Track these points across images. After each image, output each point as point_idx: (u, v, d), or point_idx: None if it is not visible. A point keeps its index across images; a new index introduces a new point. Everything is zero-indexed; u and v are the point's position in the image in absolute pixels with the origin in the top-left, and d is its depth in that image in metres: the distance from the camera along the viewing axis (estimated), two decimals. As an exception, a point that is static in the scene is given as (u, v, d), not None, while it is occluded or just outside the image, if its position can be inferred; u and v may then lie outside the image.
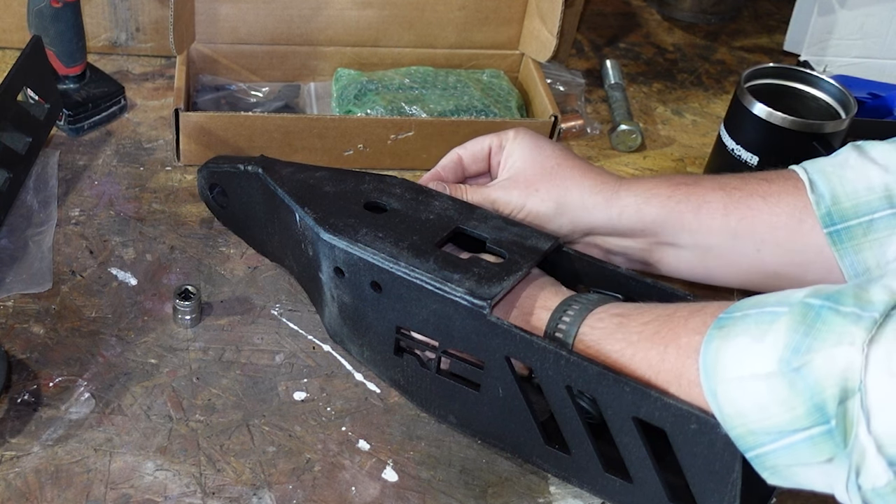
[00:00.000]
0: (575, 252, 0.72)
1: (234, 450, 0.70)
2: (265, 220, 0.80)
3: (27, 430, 0.70)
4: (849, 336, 0.48)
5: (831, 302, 0.51)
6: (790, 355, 0.50)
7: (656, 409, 0.57)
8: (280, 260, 0.82)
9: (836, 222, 0.69)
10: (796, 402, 0.50)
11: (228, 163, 0.81)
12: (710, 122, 1.12)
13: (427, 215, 0.72)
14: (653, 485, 0.61)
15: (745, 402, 0.52)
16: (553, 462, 0.67)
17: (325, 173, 0.77)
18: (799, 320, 0.51)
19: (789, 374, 0.50)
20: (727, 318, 0.55)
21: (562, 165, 0.76)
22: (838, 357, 0.48)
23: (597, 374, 0.60)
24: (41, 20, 0.94)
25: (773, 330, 0.52)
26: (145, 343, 0.77)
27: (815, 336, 0.50)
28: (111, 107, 1.00)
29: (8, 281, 0.81)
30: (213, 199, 0.84)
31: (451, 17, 1.06)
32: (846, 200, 0.69)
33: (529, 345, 0.62)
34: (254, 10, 1.02)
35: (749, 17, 1.35)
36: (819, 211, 0.70)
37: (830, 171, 0.71)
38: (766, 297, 0.55)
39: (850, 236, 0.69)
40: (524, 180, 0.75)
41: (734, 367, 0.53)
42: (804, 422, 0.50)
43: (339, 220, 0.71)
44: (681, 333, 0.58)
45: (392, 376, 0.73)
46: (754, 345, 0.52)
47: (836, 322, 0.50)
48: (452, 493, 0.69)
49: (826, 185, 0.70)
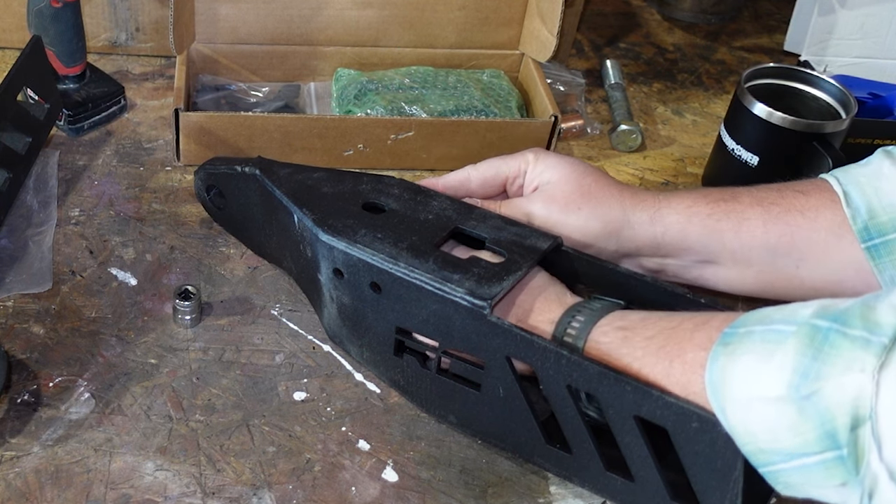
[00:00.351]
0: (574, 251, 0.72)
1: (234, 450, 0.70)
2: (263, 222, 0.80)
3: (27, 430, 0.70)
4: (858, 362, 0.48)
5: (839, 324, 0.50)
6: (799, 381, 0.49)
7: (658, 407, 0.57)
8: (278, 262, 0.82)
9: (874, 236, 0.69)
10: (806, 428, 0.49)
11: (225, 164, 0.80)
12: (710, 122, 1.12)
13: (426, 215, 0.72)
14: (654, 483, 0.61)
15: (754, 423, 0.52)
16: (554, 461, 0.67)
17: (323, 174, 0.77)
18: (807, 343, 0.50)
19: (799, 401, 0.49)
20: (732, 335, 0.55)
21: (599, 183, 0.74)
22: (848, 385, 0.48)
23: (598, 373, 0.60)
24: (41, 20, 0.94)
25: (780, 351, 0.51)
26: (145, 343, 0.77)
27: (824, 360, 0.49)
28: (111, 107, 1.00)
29: (8, 281, 0.81)
30: (210, 201, 0.84)
31: (451, 17, 1.06)
32: (883, 214, 0.68)
33: (530, 345, 0.62)
34: (254, 10, 1.02)
35: (749, 17, 1.35)
36: (856, 226, 0.69)
37: (865, 183, 0.70)
38: (771, 313, 0.55)
39: (888, 251, 0.68)
40: (563, 198, 0.73)
41: (742, 388, 0.52)
42: (815, 447, 0.50)
43: (337, 221, 0.71)
44: (686, 349, 0.57)
45: (392, 377, 0.73)
46: (761, 366, 0.52)
47: (844, 346, 0.49)
48: (452, 493, 0.69)
49: (862, 198, 0.69)
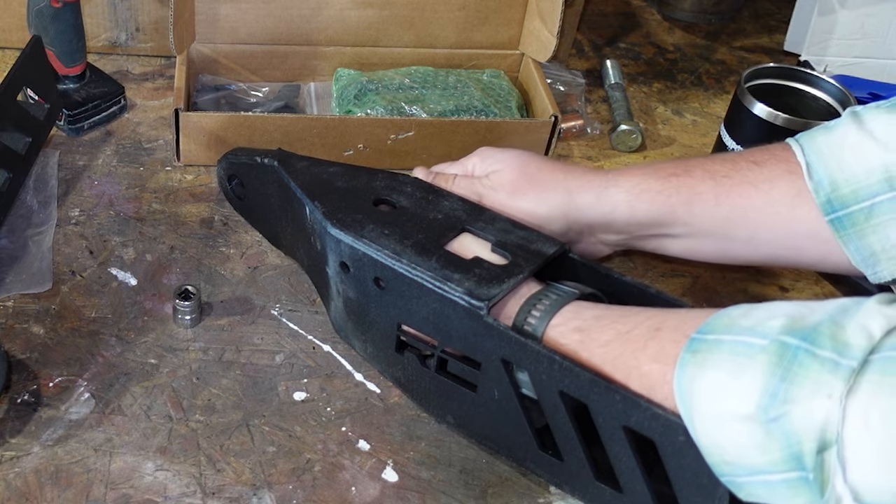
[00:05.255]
0: (579, 258, 0.71)
1: (234, 450, 0.70)
2: (280, 213, 0.80)
3: (27, 430, 0.70)
4: (826, 387, 0.48)
5: (808, 343, 0.50)
6: (768, 402, 0.50)
7: (645, 418, 0.57)
8: (292, 253, 0.83)
9: (837, 209, 0.69)
10: (773, 448, 0.50)
11: (246, 155, 0.81)
12: (710, 122, 1.12)
13: (435, 215, 0.72)
14: (642, 495, 0.60)
15: (721, 437, 0.52)
16: (546, 468, 0.66)
17: (339, 169, 0.77)
18: (775, 362, 0.50)
19: (767, 423, 0.50)
20: (700, 341, 0.54)
21: (543, 170, 0.75)
22: (816, 411, 0.48)
23: (589, 380, 0.59)
24: (41, 20, 0.94)
25: (749, 368, 0.51)
26: (145, 343, 0.77)
27: (792, 381, 0.49)
28: (111, 107, 1.00)
29: (8, 281, 0.81)
30: (231, 191, 0.84)
31: (451, 17, 1.06)
32: (845, 186, 0.69)
33: (524, 348, 0.62)
34: (254, 10, 1.02)
35: (749, 17, 1.35)
36: (819, 199, 0.69)
37: (828, 154, 0.70)
38: (738, 319, 0.54)
39: (851, 222, 0.69)
40: (509, 184, 0.75)
41: (710, 403, 0.52)
42: (780, 466, 0.50)
43: (346, 215, 0.71)
44: (642, 361, 0.57)
45: (393, 374, 0.73)
46: (730, 382, 0.51)
47: (813, 367, 0.49)
48: (452, 493, 0.69)
49: (824, 169, 0.69)
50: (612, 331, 0.60)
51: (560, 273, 0.71)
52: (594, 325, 0.62)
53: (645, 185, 0.74)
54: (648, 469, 0.59)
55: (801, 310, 0.53)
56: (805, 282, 0.91)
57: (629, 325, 0.60)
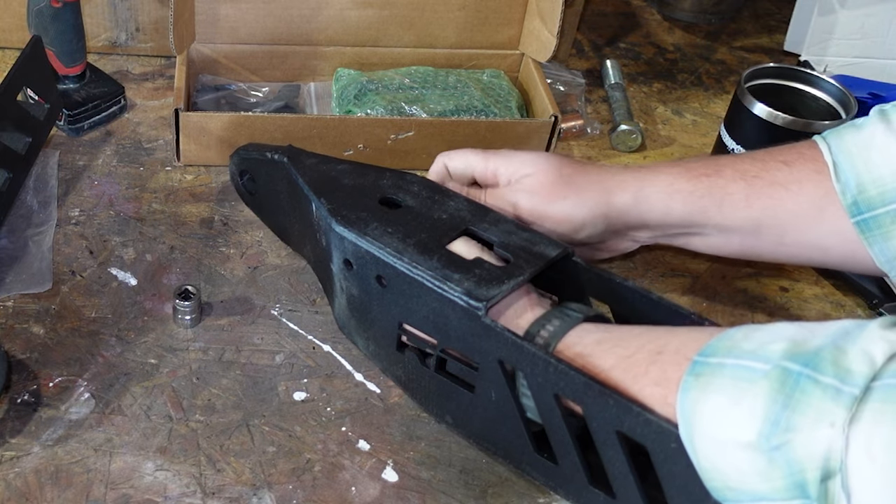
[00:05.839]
0: (583, 262, 0.71)
1: (234, 450, 0.70)
2: (288, 209, 0.81)
3: (27, 430, 0.70)
4: (829, 415, 0.48)
5: (810, 369, 0.49)
6: (770, 430, 0.49)
7: (638, 424, 0.57)
8: (300, 249, 0.83)
9: (863, 211, 0.69)
10: (775, 476, 0.49)
11: (257, 150, 0.82)
12: (710, 122, 1.12)
13: (440, 214, 0.72)
14: (635, 501, 0.60)
15: (723, 463, 0.52)
16: (542, 471, 0.66)
17: (347, 166, 0.78)
18: (777, 388, 0.50)
19: (769, 451, 0.49)
20: (703, 364, 0.54)
21: (579, 171, 0.75)
22: (819, 440, 0.48)
23: (583, 384, 0.59)
24: (41, 20, 0.94)
25: (751, 394, 0.51)
26: (145, 343, 0.77)
27: (794, 408, 0.49)
28: (111, 107, 1.00)
29: (8, 281, 0.81)
30: (242, 185, 0.85)
31: (451, 17, 1.06)
32: (872, 188, 0.69)
33: (520, 350, 0.62)
34: (254, 10, 1.02)
35: (749, 17, 1.35)
36: (845, 201, 0.69)
37: (856, 154, 0.70)
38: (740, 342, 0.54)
39: (877, 224, 0.69)
40: (545, 189, 0.74)
41: (712, 429, 0.52)
42: (784, 494, 0.49)
43: (351, 213, 0.71)
44: (643, 384, 0.57)
45: (394, 372, 0.73)
46: (732, 408, 0.51)
47: (815, 395, 0.49)
48: (452, 493, 0.69)
49: (851, 170, 0.69)
50: (614, 356, 0.60)
51: (562, 276, 0.71)
52: (596, 350, 0.61)
53: (677, 185, 0.74)
54: (642, 475, 0.59)
55: (802, 333, 0.52)
56: (805, 282, 0.91)
57: (631, 349, 0.60)
